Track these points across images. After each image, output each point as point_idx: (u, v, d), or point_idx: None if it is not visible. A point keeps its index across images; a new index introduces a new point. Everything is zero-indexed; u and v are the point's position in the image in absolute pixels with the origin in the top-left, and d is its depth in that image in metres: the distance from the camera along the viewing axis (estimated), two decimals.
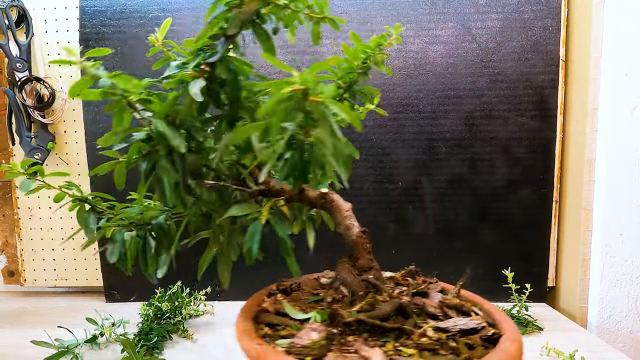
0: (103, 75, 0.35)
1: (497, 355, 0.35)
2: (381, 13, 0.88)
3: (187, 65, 0.41)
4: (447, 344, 0.37)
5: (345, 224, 0.44)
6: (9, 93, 0.91)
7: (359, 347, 0.36)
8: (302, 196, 0.45)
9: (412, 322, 0.40)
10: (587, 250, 0.85)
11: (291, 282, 0.52)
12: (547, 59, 0.88)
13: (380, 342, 0.38)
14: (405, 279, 0.51)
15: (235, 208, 0.44)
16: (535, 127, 0.90)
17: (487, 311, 0.46)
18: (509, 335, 0.39)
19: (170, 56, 0.49)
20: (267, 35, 0.40)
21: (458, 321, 0.41)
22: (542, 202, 0.91)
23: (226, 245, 0.46)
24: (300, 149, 0.39)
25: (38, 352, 0.63)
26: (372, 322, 0.38)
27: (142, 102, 0.38)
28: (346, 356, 0.35)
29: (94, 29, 0.90)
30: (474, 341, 0.38)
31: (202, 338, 0.76)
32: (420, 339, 0.38)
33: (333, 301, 0.43)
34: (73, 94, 0.36)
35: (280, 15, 0.40)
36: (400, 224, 0.92)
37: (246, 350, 0.37)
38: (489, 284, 0.90)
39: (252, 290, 0.51)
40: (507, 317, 0.44)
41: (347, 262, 0.44)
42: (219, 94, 0.42)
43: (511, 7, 0.88)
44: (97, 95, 0.36)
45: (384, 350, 0.35)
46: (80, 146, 0.95)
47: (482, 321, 0.41)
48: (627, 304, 0.82)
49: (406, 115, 0.90)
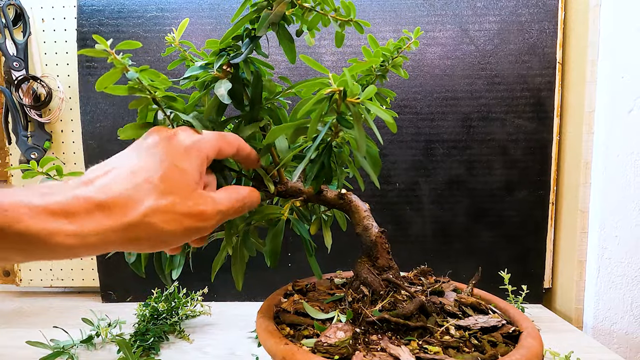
0: (132, 69, 0.35)
1: (521, 352, 0.36)
2: (379, 15, 0.89)
3: (211, 66, 0.41)
4: (470, 341, 0.38)
5: (363, 224, 0.45)
6: (5, 92, 0.90)
7: (386, 345, 0.36)
8: (321, 197, 0.46)
9: (433, 320, 0.41)
10: (583, 251, 0.86)
11: (306, 282, 0.52)
12: (544, 62, 0.89)
13: (404, 340, 0.38)
14: (418, 278, 0.52)
15: (259, 208, 0.44)
16: (532, 129, 0.90)
17: (502, 309, 0.47)
18: (529, 332, 0.40)
19: (187, 56, 0.49)
20: (289, 37, 0.40)
21: (479, 319, 0.41)
22: (539, 203, 0.91)
23: (240, 246, 0.46)
24: (328, 150, 0.39)
25: (33, 352, 0.62)
26: (396, 320, 0.39)
27: (167, 99, 0.38)
28: (375, 354, 0.35)
29: (92, 28, 0.89)
30: (496, 338, 0.39)
31: (198, 338, 0.75)
32: (443, 337, 0.38)
33: (353, 301, 0.43)
34: (100, 87, 0.35)
35: (305, 18, 0.40)
36: (397, 225, 0.92)
37: (271, 351, 0.38)
38: (486, 285, 0.90)
39: (251, 290, 0.51)
40: (523, 315, 0.44)
41: (367, 261, 0.45)
42: (242, 95, 0.42)
43: (508, 9, 0.88)
44: (125, 90, 0.36)
45: (409, 349, 0.36)
46: (77, 146, 0.95)
47: (501, 319, 0.42)
48: (622, 306, 0.82)
49: (404, 117, 0.90)
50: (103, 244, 0.28)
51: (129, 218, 0.29)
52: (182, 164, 0.32)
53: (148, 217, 0.29)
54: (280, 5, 0.38)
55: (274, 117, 0.46)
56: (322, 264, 0.50)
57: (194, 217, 0.31)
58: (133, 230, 0.29)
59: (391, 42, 0.46)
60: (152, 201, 0.30)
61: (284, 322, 0.43)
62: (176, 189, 0.31)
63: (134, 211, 0.29)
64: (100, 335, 0.73)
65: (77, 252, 0.28)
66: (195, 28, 0.89)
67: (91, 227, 0.27)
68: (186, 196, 0.31)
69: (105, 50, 0.33)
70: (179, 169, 0.32)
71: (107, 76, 0.35)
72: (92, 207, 0.28)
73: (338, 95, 0.33)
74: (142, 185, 0.30)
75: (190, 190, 0.32)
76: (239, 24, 0.40)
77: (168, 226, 0.30)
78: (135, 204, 0.29)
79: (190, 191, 0.32)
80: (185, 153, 0.32)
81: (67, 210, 0.27)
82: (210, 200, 0.33)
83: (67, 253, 0.27)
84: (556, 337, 0.75)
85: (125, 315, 0.80)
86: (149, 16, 0.89)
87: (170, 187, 0.31)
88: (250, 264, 0.49)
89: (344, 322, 0.40)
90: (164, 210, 0.30)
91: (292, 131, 0.38)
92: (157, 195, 0.30)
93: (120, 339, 0.65)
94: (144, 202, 0.29)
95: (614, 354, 0.70)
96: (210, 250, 0.49)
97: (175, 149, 0.32)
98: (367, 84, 0.48)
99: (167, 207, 0.30)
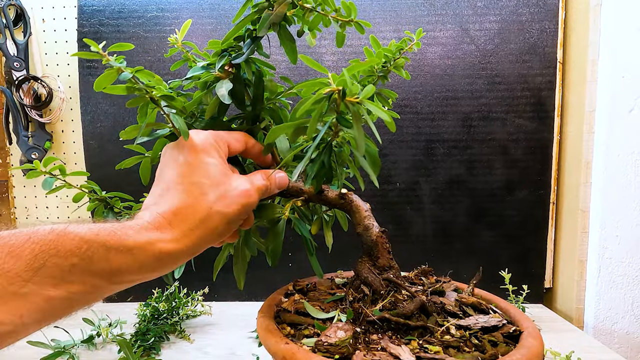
0: (126, 70, 0.35)
1: (522, 352, 0.36)
2: (380, 14, 0.89)
3: (213, 66, 0.41)
4: (470, 341, 0.38)
5: (364, 224, 0.45)
6: (6, 92, 0.91)
7: (386, 344, 0.36)
8: (322, 196, 0.46)
9: (434, 320, 0.41)
10: (583, 251, 0.85)
11: (307, 282, 0.52)
12: (545, 61, 0.89)
13: (404, 340, 0.38)
14: (419, 278, 0.52)
15: (261, 208, 0.44)
16: (533, 129, 0.90)
17: (503, 309, 0.47)
18: (530, 332, 0.40)
19: (189, 57, 0.49)
20: (290, 38, 0.40)
21: (479, 319, 0.41)
22: (539, 203, 0.91)
23: (242, 245, 0.46)
24: (329, 149, 0.40)
25: (34, 352, 0.62)
26: (396, 320, 0.39)
27: (165, 98, 0.38)
28: (375, 354, 0.35)
29: (92, 28, 0.89)
30: (496, 338, 0.39)
31: (199, 338, 0.75)
32: (443, 337, 0.38)
33: (354, 300, 0.43)
34: (98, 88, 0.36)
35: (305, 18, 0.40)
36: (398, 225, 0.92)
37: (272, 350, 0.38)
38: (486, 285, 0.90)
39: (251, 290, 0.51)
40: (524, 314, 0.44)
41: (367, 261, 0.45)
42: (243, 95, 0.42)
43: (509, 9, 0.88)
44: (123, 90, 0.37)
45: (410, 348, 0.36)
46: (78, 146, 0.95)
47: (502, 319, 0.42)
48: (623, 305, 0.82)
49: (404, 117, 0.90)
50: (193, 244, 0.34)
51: (200, 214, 0.34)
52: (207, 159, 0.36)
53: (214, 207, 0.35)
54: (281, 5, 0.38)
55: (275, 117, 0.46)
56: (323, 263, 0.50)
57: (243, 195, 0.37)
58: (208, 223, 0.34)
59: (393, 43, 0.46)
60: (208, 195, 0.35)
61: (284, 322, 0.43)
62: (217, 180, 0.36)
63: (200, 208, 0.34)
64: (101, 335, 0.73)
65: (178, 256, 0.33)
66: (196, 28, 0.89)
67: (178, 231, 0.33)
68: (228, 182, 0.37)
69: (98, 53, 0.34)
70: (207, 163, 0.36)
71: (103, 77, 0.35)
72: (171, 217, 0.34)
73: (337, 95, 0.33)
74: (190, 188, 0.35)
75: (229, 176, 0.37)
76: (241, 25, 0.40)
77: (230, 208, 0.36)
78: (197, 204, 0.34)
79: (229, 177, 0.37)
80: (204, 151, 0.37)
81: (156, 225, 0.33)
82: (247, 181, 0.38)
83: (170, 259, 0.33)
84: (557, 337, 0.74)
85: (126, 315, 0.80)
86: (150, 16, 0.89)
87: (214, 179, 0.36)
88: (251, 263, 0.49)
89: (345, 321, 0.40)
90: (220, 197, 0.35)
91: (292, 131, 0.38)
92: (208, 190, 0.35)
93: (121, 338, 0.65)
94: (204, 199, 0.35)
95: (615, 353, 0.70)
96: (210, 250, 0.49)
97: (195, 150, 0.37)
98: (369, 85, 0.48)
99: (222, 195, 0.36)
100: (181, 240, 0.33)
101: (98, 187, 0.48)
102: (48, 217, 0.97)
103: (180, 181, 0.35)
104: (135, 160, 0.46)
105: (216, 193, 0.35)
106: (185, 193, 0.35)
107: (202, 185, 0.35)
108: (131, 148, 0.44)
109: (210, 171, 0.36)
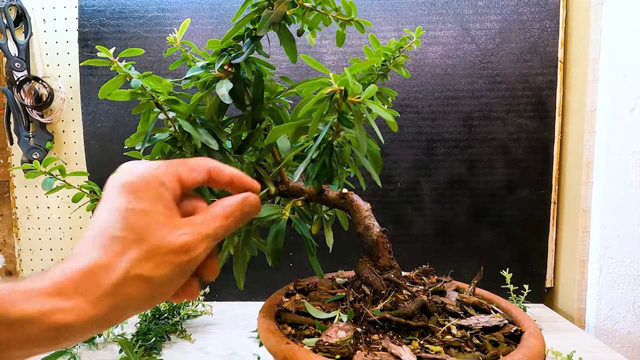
0: (135, 76, 0.35)
1: (522, 352, 0.36)
2: (380, 14, 0.89)
3: (212, 66, 0.41)
4: (471, 341, 0.38)
5: (365, 224, 0.45)
6: (7, 92, 0.91)
7: (387, 344, 0.36)
8: (322, 196, 0.46)
9: (435, 320, 0.41)
10: (585, 251, 0.85)
11: (307, 281, 0.52)
12: (546, 61, 0.89)
13: (405, 340, 0.38)
14: (420, 277, 0.52)
15: (262, 208, 0.44)
16: (534, 128, 0.90)
17: (504, 308, 0.46)
18: (531, 332, 0.40)
19: (189, 56, 0.49)
20: (290, 37, 0.40)
21: (480, 319, 0.41)
22: (540, 203, 0.91)
23: (242, 245, 0.46)
24: (330, 149, 0.39)
25: None
26: (397, 320, 0.39)
27: (169, 102, 0.38)
28: (376, 354, 0.35)
29: (93, 29, 0.89)
30: (497, 338, 0.39)
31: (200, 338, 0.75)
32: (444, 337, 0.38)
33: (355, 300, 0.43)
34: (103, 95, 0.35)
35: (306, 17, 0.40)
36: (399, 225, 0.92)
37: (273, 350, 0.38)
38: (487, 284, 0.90)
39: (252, 290, 0.51)
40: (525, 314, 0.44)
41: (368, 261, 0.45)
42: (243, 95, 0.42)
43: (510, 8, 0.88)
44: (127, 95, 0.36)
45: (411, 348, 0.36)
46: (79, 146, 0.95)
47: (503, 318, 0.42)
48: (625, 305, 0.82)
49: (405, 116, 0.90)
50: (102, 315, 0.27)
51: (113, 279, 0.27)
52: (136, 204, 0.29)
53: (133, 270, 0.27)
54: (281, 5, 0.38)
55: (275, 117, 0.46)
56: (323, 263, 0.50)
57: (178, 251, 0.28)
58: (124, 290, 0.27)
59: (393, 42, 0.46)
60: (128, 254, 0.27)
61: (285, 322, 0.43)
62: (146, 232, 0.28)
63: (114, 271, 0.27)
64: (102, 335, 0.73)
65: (81, 330, 0.26)
66: (196, 28, 0.89)
67: (82, 300, 0.26)
68: (161, 235, 0.28)
69: (108, 59, 0.34)
70: (137, 210, 0.28)
71: (110, 83, 0.35)
72: (79, 279, 0.26)
73: (339, 95, 0.33)
74: (108, 244, 0.27)
75: (161, 226, 0.29)
76: (240, 24, 0.40)
77: (158, 272, 0.28)
78: (111, 265, 0.27)
79: (161, 227, 0.29)
80: (136, 191, 0.29)
81: (58, 288, 0.26)
82: (189, 227, 0.30)
83: (71, 333, 0.26)
84: (558, 337, 0.74)
85: None
86: (150, 16, 0.89)
87: (139, 232, 0.28)
88: (252, 263, 0.49)
89: (346, 321, 0.40)
90: (145, 257, 0.27)
91: (293, 131, 0.38)
92: (129, 247, 0.27)
93: (122, 338, 0.65)
94: (122, 259, 0.27)
95: (616, 353, 0.70)
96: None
97: (124, 190, 0.29)
98: (368, 84, 0.48)
99: (148, 253, 0.28)
100: (86, 310, 0.26)
101: (98, 187, 0.48)
102: (49, 218, 0.97)
103: (101, 232, 0.28)
104: None
105: (140, 251, 0.27)
106: (103, 249, 0.27)
107: (122, 240, 0.27)
108: (130, 155, 0.44)
109: (136, 222, 0.28)
